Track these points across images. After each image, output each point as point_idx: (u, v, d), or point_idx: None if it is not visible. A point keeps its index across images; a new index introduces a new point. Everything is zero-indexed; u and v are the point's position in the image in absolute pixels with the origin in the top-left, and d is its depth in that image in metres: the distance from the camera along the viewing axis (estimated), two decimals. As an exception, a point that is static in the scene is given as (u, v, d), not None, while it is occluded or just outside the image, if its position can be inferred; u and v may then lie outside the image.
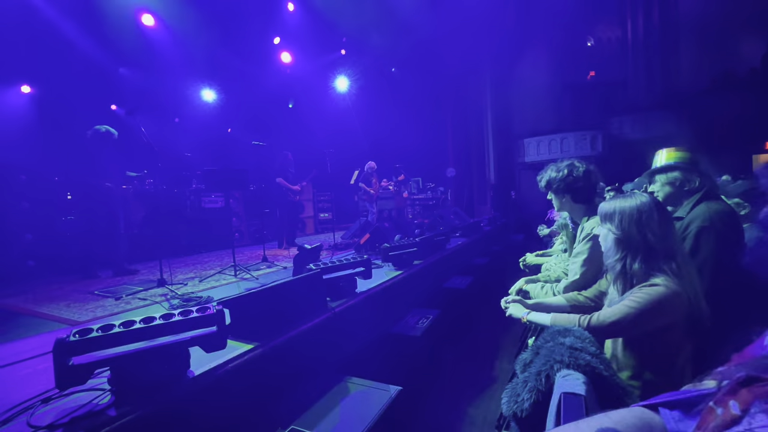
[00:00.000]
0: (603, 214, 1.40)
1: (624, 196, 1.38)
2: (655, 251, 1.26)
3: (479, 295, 4.40)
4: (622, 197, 1.38)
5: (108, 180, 4.10)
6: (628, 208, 1.32)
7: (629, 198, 1.35)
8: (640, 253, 1.28)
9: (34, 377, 1.60)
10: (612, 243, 1.35)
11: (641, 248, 1.28)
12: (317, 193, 9.17)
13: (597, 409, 0.95)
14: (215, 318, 1.48)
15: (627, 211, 1.31)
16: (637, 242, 1.28)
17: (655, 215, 1.29)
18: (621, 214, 1.32)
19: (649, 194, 1.41)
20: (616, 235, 1.33)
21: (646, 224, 1.28)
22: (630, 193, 1.41)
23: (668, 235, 1.29)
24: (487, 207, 13.60)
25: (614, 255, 1.34)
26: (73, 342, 1.23)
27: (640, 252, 1.28)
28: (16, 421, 1.24)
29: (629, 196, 1.37)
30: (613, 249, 1.35)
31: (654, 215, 1.29)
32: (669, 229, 1.30)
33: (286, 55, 9.80)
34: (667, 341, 1.24)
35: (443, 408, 2.57)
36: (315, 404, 1.73)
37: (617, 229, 1.32)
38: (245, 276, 3.68)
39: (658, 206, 1.32)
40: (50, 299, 3.21)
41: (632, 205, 1.32)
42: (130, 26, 7.01)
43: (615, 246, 1.34)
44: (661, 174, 1.88)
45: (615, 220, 1.34)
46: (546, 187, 1.98)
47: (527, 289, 2.13)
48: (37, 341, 2.11)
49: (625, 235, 1.31)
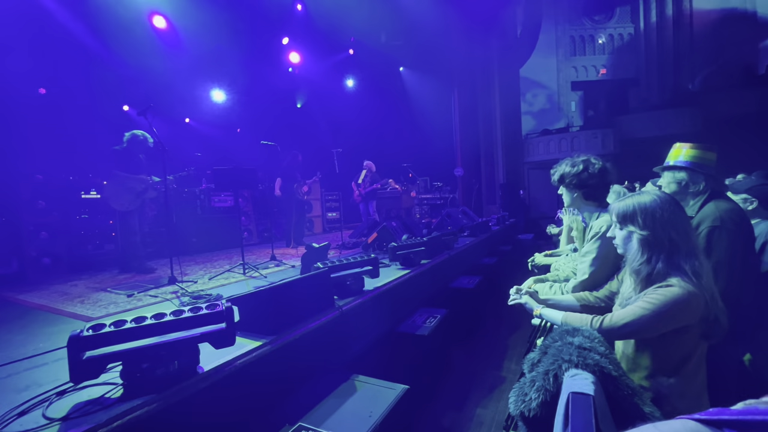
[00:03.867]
0: (622, 214, 1.30)
1: (637, 194, 1.32)
2: (678, 250, 1.20)
3: (487, 295, 4.38)
4: (636, 195, 1.31)
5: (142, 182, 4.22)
6: (649, 205, 1.24)
7: (644, 195, 1.29)
8: (664, 253, 1.21)
9: (50, 371, 1.64)
10: (637, 244, 1.26)
11: (665, 247, 1.21)
12: (325, 192, 9.21)
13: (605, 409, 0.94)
14: (224, 315, 1.50)
15: (649, 210, 1.24)
16: (662, 241, 1.21)
17: (677, 212, 1.24)
18: (644, 213, 1.24)
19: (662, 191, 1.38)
20: (642, 236, 1.24)
21: (669, 222, 1.21)
22: (642, 191, 1.38)
23: (690, 233, 1.24)
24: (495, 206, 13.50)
25: (641, 257, 1.25)
26: (87, 337, 1.26)
27: (664, 251, 1.21)
28: (32, 413, 1.27)
29: (643, 193, 1.31)
30: (638, 251, 1.26)
31: (676, 212, 1.24)
32: (690, 227, 1.25)
33: (294, 56, 9.86)
34: (682, 342, 1.21)
35: (450, 407, 2.56)
36: (322, 402, 1.74)
37: (643, 229, 1.24)
38: (254, 274, 3.72)
39: (675, 202, 1.27)
40: (64, 295, 3.29)
41: (652, 202, 1.25)
42: (142, 28, 7.13)
43: (641, 247, 1.25)
44: (669, 172, 1.86)
45: (638, 220, 1.25)
46: (559, 181, 1.94)
47: (536, 288, 2.10)
48: (51, 336, 2.16)
49: (651, 235, 1.23)
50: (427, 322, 2.80)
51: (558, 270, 2.45)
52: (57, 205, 4.99)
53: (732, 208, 1.69)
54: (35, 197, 4.83)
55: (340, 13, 9.74)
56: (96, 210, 5.37)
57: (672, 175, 1.84)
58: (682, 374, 1.21)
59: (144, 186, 4.20)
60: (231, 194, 6.86)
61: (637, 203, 1.28)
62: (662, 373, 1.23)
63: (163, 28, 7.32)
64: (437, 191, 10.47)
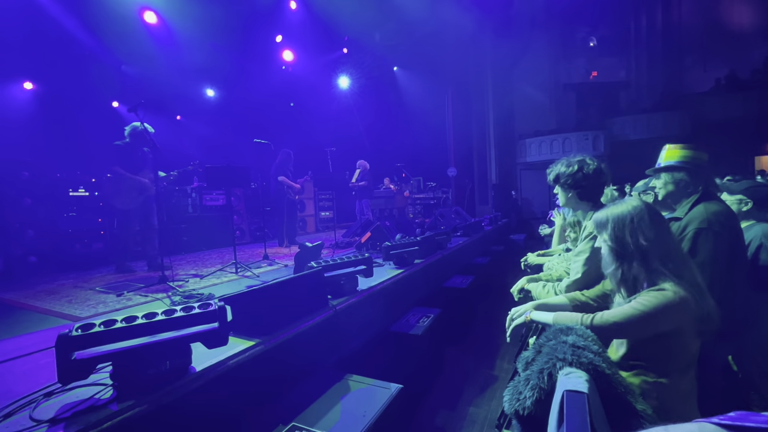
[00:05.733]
0: (597, 224, 1.40)
1: (616, 204, 1.39)
2: (649, 255, 1.27)
3: (480, 294, 4.40)
4: (614, 205, 1.39)
5: (144, 176, 4.13)
6: (620, 215, 1.33)
7: (620, 205, 1.36)
8: (635, 260, 1.29)
9: (37, 372, 1.60)
10: (607, 253, 1.36)
11: (636, 254, 1.28)
12: (318, 191, 9.18)
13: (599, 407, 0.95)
14: (217, 314, 1.48)
15: (618, 219, 1.32)
16: (631, 249, 1.29)
17: (646, 218, 1.30)
18: (614, 223, 1.33)
19: (639, 199, 1.41)
20: (610, 246, 1.34)
21: (638, 229, 1.29)
22: (621, 199, 1.42)
23: (661, 237, 1.29)
24: (488, 206, 13.60)
25: (611, 265, 1.35)
26: (76, 337, 1.23)
27: (636, 258, 1.29)
28: (18, 415, 1.24)
29: (621, 202, 1.38)
30: (609, 259, 1.36)
31: (645, 218, 1.30)
32: (661, 231, 1.30)
33: (288, 54, 9.80)
34: (673, 343, 1.24)
35: (444, 406, 2.57)
36: (316, 401, 1.73)
37: (610, 240, 1.33)
38: (246, 274, 3.69)
39: (649, 209, 1.33)
40: (52, 295, 3.22)
41: (623, 212, 1.33)
42: (133, 23, 7.02)
43: (611, 256, 1.35)
44: (666, 173, 1.87)
45: (608, 230, 1.34)
46: (554, 181, 1.97)
47: (529, 288, 2.12)
48: (39, 336, 2.11)
49: (618, 244, 1.32)
50: (420, 322, 2.80)
51: (551, 269, 2.47)
52: (44, 202, 4.90)
53: (720, 211, 1.71)
54: (21, 194, 4.73)
55: (334, 12, 9.71)
56: (84, 208, 5.27)
57: (670, 176, 1.85)
58: (674, 373, 1.23)
59: (145, 184, 4.11)
60: (223, 193, 6.79)
61: (610, 213, 1.36)
62: (654, 371, 1.25)
63: (154, 24, 7.21)
64: (430, 191, 10.51)
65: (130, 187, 4.04)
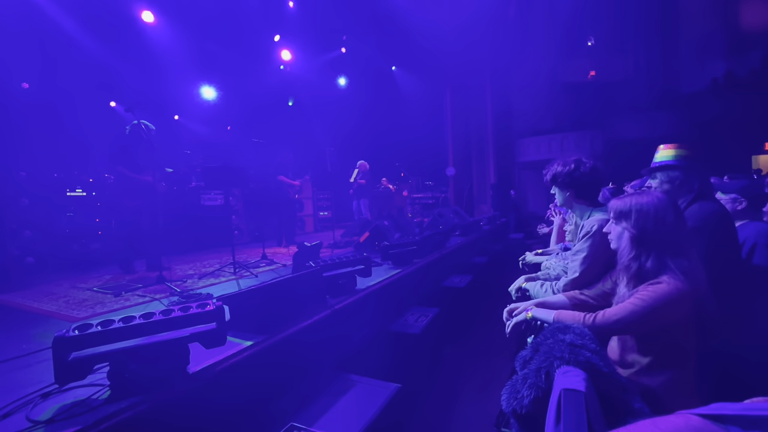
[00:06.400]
0: (618, 212, 1.38)
1: (639, 194, 1.38)
2: (667, 249, 1.26)
3: (478, 293, 4.40)
4: (637, 194, 1.38)
5: (148, 175, 4.05)
6: (645, 205, 1.31)
7: (645, 195, 1.35)
8: (653, 251, 1.28)
9: (33, 372, 1.60)
10: (627, 241, 1.34)
11: (655, 246, 1.28)
12: (317, 191, 9.16)
13: (596, 405, 0.96)
14: (215, 314, 1.48)
15: (644, 209, 1.31)
16: (652, 240, 1.28)
17: (671, 212, 1.29)
18: (638, 212, 1.32)
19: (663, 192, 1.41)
20: (632, 234, 1.32)
21: (661, 222, 1.28)
22: (644, 190, 1.42)
23: (680, 233, 1.29)
24: (486, 206, 13.59)
25: (629, 253, 1.33)
26: (73, 337, 1.23)
27: (654, 250, 1.28)
28: (15, 416, 1.24)
29: (644, 193, 1.37)
30: (628, 247, 1.33)
31: (669, 212, 1.29)
32: (681, 227, 1.31)
33: (286, 53, 9.77)
34: (672, 338, 1.24)
35: (442, 405, 2.57)
36: (314, 401, 1.73)
37: (633, 228, 1.31)
38: (245, 273, 3.68)
39: (673, 204, 1.33)
40: (49, 295, 3.21)
41: (649, 202, 1.31)
42: (130, 23, 7.00)
43: (630, 244, 1.33)
44: (662, 171, 1.89)
45: (631, 218, 1.33)
46: (551, 181, 2.00)
47: (527, 287, 2.13)
48: (36, 337, 2.10)
49: (641, 234, 1.30)
50: (419, 321, 2.81)
51: (549, 268, 2.47)
52: (41, 202, 4.87)
53: (715, 210, 1.73)
54: (18, 194, 4.71)
55: (332, 11, 9.69)
56: (82, 208, 5.25)
57: (666, 174, 1.87)
58: (673, 371, 1.24)
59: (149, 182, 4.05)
60: (221, 192, 6.76)
61: (635, 202, 1.34)
62: (653, 369, 1.25)
63: (151, 23, 7.19)
64: (429, 190, 10.52)
65: (136, 186, 4.01)
